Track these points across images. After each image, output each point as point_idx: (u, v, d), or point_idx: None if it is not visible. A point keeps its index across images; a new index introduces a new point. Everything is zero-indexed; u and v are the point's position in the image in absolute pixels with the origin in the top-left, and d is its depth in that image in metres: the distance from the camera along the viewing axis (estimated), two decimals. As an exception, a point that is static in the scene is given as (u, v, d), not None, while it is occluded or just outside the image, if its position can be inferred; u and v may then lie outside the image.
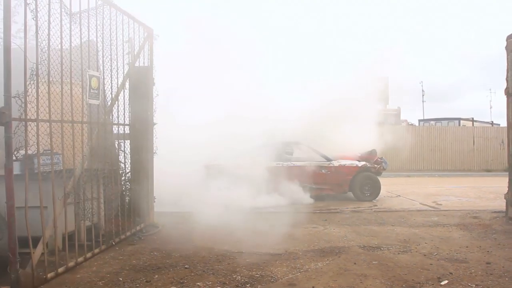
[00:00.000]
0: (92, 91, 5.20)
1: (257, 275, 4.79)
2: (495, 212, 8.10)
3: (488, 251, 5.69)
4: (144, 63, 6.86)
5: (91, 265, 5.11)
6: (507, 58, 7.61)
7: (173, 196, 9.40)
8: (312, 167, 10.15)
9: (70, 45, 4.82)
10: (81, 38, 5.03)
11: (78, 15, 4.96)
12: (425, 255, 5.53)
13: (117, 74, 5.97)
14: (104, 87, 6.01)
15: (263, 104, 10.25)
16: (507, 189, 7.60)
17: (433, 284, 4.48)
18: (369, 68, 11.47)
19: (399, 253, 5.62)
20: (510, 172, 7.58)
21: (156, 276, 4.78)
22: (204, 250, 5.79)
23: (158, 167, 8.25)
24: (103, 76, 6.19)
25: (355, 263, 5.16)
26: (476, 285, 4.45)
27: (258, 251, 5.73)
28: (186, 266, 5.09)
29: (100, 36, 5.46)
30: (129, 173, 6.90)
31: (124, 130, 6.77)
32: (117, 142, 6.72)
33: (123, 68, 6.20)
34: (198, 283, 4.55)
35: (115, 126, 6.70)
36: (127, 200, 6.67)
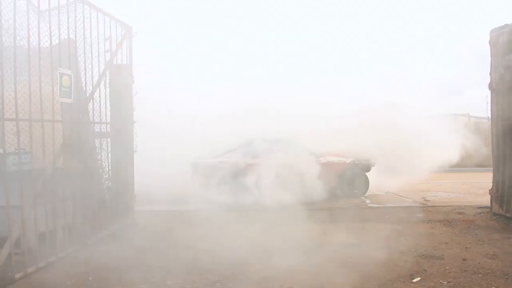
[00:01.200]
0: (63, 89, 5.15)
1: (230, 274, 4.75)
2: (480, 207, 8.04)
3: (466, 248, 5.64)
4: (122, 60, 6.79)
5: (63, 264, 5.07)
6: (491, 53, 7.53)
7: (161, 194, 9.44)
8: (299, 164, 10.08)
9: (39, 43, 4.78)
10: (50, 37, 4.98)
11: (47, 13, 4.91)
12: (402, 252, 5.48)
13: (92, 73, 5.90)
14: (77, 85, 6.01)
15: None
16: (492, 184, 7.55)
17: (404, 281, 4.44)
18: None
19: (376, 250, 5.56)
20: (494, 167, 7.51)
21: (128, 275, 4.74)
22: (182, 249, 5.76)
23: (144, 164, 8.28)
24: (85, 74, 6.20)
25: (330, 260, 5.11)
26: (448, 282, 4.40)
27: (236, 249, 5.69)
28: (158, 265, 5.06)
29: (73, 34, 5.40)
30: (109, 172, 6.84)
31: (106, 129, 6.76)
32: (98, 141, 6.71)
33: (99, 66, 6.13)
34: (168, 282, 4.52)
35: (95, 124, 6.71)
36: (105, 199, 6.61)
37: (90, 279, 4.62)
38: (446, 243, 5.86)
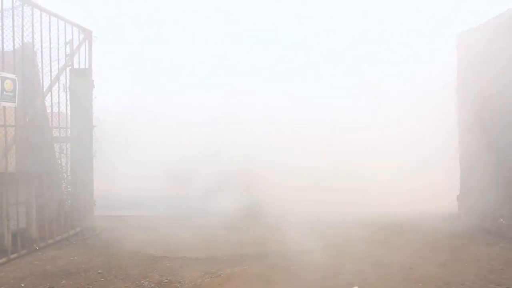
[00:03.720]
0: (5, 93, 5.13)
1: (166, 281, 4.67)
2: (449, 214, 7.84)
3: (419, 255, 5.48)
4: (80, 64, 6.77)
5: (1, 270, 5.01)
6: (458, 56, 7.39)
7: (131, 199, 9.41)
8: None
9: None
10: (2, 41, 4.98)
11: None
12: (352, 259, 5.34)
13: (42, 77, 5.89)
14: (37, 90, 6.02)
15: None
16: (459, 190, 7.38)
17: (340, 290, 4.31)
18: None
19: (326, 258, 5.42)
20: (462, 173, 7.35)
21: (63, 281, 4.68)
22: (130, 254, 5.69)
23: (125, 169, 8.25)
24: (42, 79, 6.21)
25: (273, 268, 5.00)
26: (384, 291, 4.27)
27: (184, 255, 5.62)
28: (99, 271, 4.99)
29: (19, 37, 5.39)
30: (68, 176, 6.81)
31: (66, 133, 6.76)
32: (58, 145, 6.71)
33: (50, 70, 6.12)
34: (100, 289, 4.45)
35: (55, 129, 6.71)
36: (63, 204, 6.56)
37: (23, 285, 4.56)
38: (400, 250, 5.71)
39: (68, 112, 6.76)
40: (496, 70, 6.29)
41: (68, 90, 6.74)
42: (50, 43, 5.96)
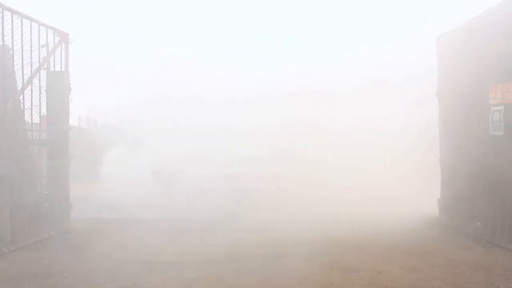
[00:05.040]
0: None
1: (129, 285, 4.62)
2: (429, 217, 7.77)
3: (391, 259, 5.42)
4: (55, 67, 6.75)
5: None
6: (438, 59, 7.36)
7: (124, 201, 9.42)
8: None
9: None
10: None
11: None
12: (322, 264, 5.29)
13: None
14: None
15: None
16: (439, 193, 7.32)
17: (302, 295, 4.26)
18: None
19: (297, 262, 5.37)
20: (442, 176, 7.29)
21: (27, 285, 4.63)
22: (100, 258, 5.64)
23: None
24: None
25: (239, 272, 4.94)
26: (347, 296, 4.22)
27: (155, 259, 5.56)
28: (65, 275, 4.94)
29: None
30: (43, 179, 6.77)
31: (40, 136, 6.75)
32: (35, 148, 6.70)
33: (22, 73, 6.11)
34: (59, 293, 4.41)
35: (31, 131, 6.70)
36: (38, 206, 6.52)
37: (-18, 289, 4.52)
38: (373, 255, 5.64)
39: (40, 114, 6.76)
40: (470, 72, 6.25)
41: (44, 93, 6.74)
42: (22, 46, 5.93)
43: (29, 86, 6.49)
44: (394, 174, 9.75)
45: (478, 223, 6.24)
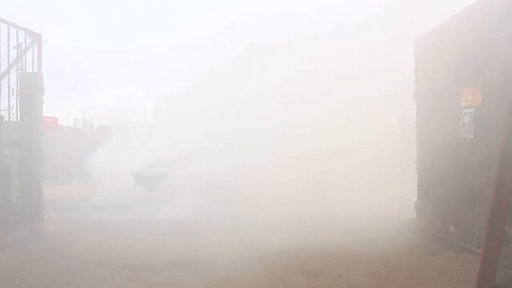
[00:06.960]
0: None
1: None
2: (407, 221, 7.67)
3: (356, 264, 5.30)
4: (27, 68, 6.74)
5: None
6: (415, 60, 7.29)
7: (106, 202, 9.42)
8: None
9: None
10: None
11: None
12: (285, 268, 5.22)
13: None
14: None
15: None
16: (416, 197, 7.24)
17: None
18: None
19: (259, 266, 5.30)
20: (419, 179, 7.21)
21: (-17, 288, 4.61)
22: (65, 261, 5.61)
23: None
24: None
25: (198, 276, 4.89)
26: (300, 301, 4.16)
27: (119, 262, 5.53)
28: (23, 278, 4.91)
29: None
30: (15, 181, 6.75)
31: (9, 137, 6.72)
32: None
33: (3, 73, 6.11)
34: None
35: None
36: (7, 208, 6.49)
37: None
38: (339, 259, 5.56)
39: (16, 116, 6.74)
40: (444, 75, 6.18)
41: (17, 94, 6.73)
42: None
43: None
44: (378, 174, 9.65)
45: (451, 227, 6.16)
